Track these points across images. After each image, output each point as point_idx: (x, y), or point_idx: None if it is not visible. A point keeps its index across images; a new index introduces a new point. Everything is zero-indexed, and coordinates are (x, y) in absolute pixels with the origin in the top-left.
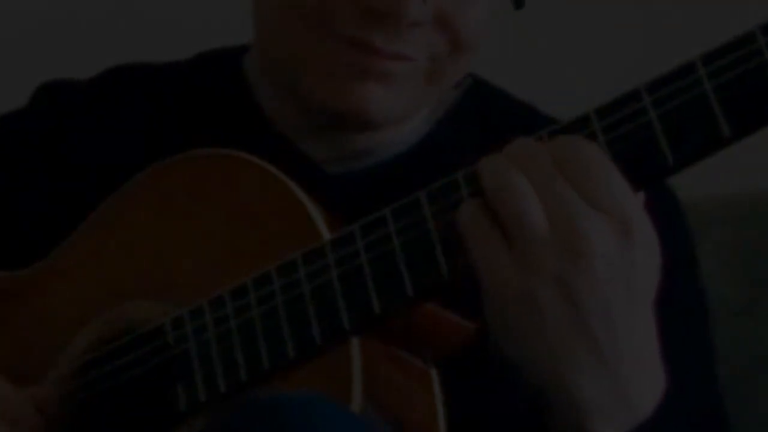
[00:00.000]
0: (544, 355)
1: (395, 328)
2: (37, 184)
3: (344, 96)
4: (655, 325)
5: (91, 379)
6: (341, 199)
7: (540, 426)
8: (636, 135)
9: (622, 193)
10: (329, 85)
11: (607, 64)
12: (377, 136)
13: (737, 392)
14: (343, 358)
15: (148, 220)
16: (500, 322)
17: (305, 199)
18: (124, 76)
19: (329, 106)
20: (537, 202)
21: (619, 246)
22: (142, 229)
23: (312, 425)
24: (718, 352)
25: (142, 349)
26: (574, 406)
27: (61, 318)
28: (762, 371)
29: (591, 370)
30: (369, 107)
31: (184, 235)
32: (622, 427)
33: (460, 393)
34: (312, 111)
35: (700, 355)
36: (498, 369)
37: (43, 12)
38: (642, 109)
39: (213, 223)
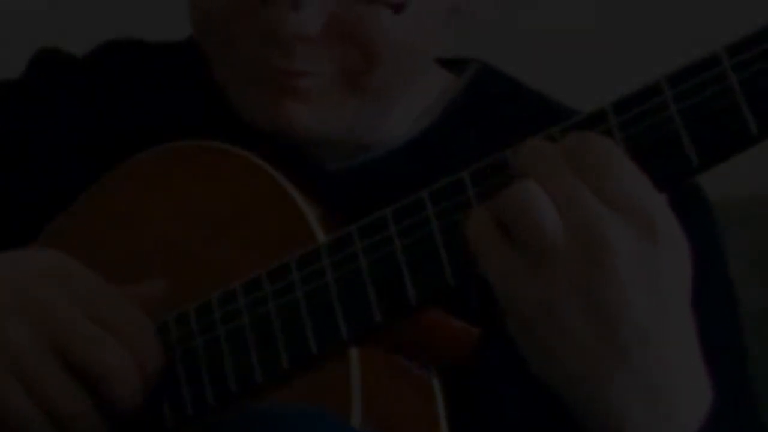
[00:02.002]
0: (576, 372)
1: (396, 334)
2: (26, 162)
3: (266, 115)
4: (695, 331)
5: None
6: (340, 196)
7: None
8: (656, 132)
9: (641, 190)
10: (250, 105)
11: (623, 56)
12: (372, 131)
13: (762, 394)
14: (341, 369)
15: (128, 216)
16: (526, 340)
17: (296, 194)
18: (120, 53)
19: (258, 125)
20: (550, 209)
21: (642, 247)
22: (122, 226)
23: None
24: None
25: None
26: (613, 426)
27: None
28: None
29: (625, 383)
30: (291, 125)
31: (166, 232)
32: None
33: (462, 398)
34: None
35: (735, 359)
36: (498, 374)
37: None
38: (663, 103)
39: (198, 220)
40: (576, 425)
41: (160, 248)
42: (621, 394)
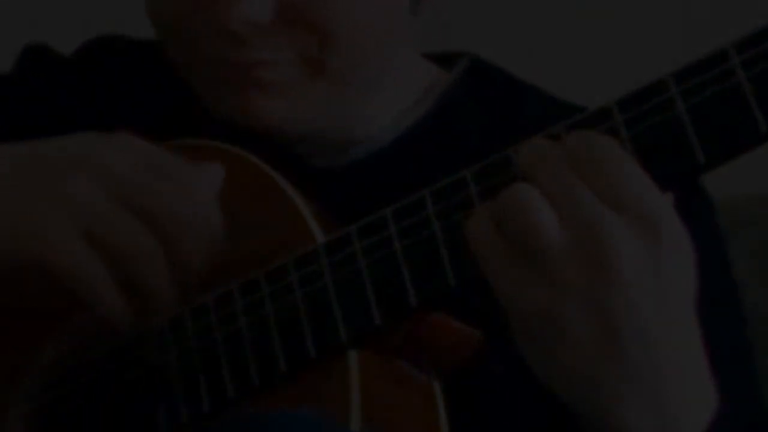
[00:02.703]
0: (577, 374)
1: (395, 337)
2: None
3: (237, 114)
4: (700, 335)
5: (64, 394)
6: (335, 194)
7: None
8: (662, 130)
9: (644, 190)
10: (221, 106)
11: (629, 53)
12: (353, 122)
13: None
14: (340, 372)
15: None
16: (527, 341)
17: (295, 193)
18: (116, 51)
19: (235, 125)
20: (550, 212)
21: (645, 248)
22: None
23: None
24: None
25: (118, 362)
26: (614, 428)
27: (27, 322)
28: None
29: (626, 385)
30: (263, 120)
31: None
32: None
33: (463, 400)
34: None
35: (740, 360)
36: (499, 375)
37: None
38: (669, 100)
39: None
40: (577, 427)
41: None
42: (622, 395)
